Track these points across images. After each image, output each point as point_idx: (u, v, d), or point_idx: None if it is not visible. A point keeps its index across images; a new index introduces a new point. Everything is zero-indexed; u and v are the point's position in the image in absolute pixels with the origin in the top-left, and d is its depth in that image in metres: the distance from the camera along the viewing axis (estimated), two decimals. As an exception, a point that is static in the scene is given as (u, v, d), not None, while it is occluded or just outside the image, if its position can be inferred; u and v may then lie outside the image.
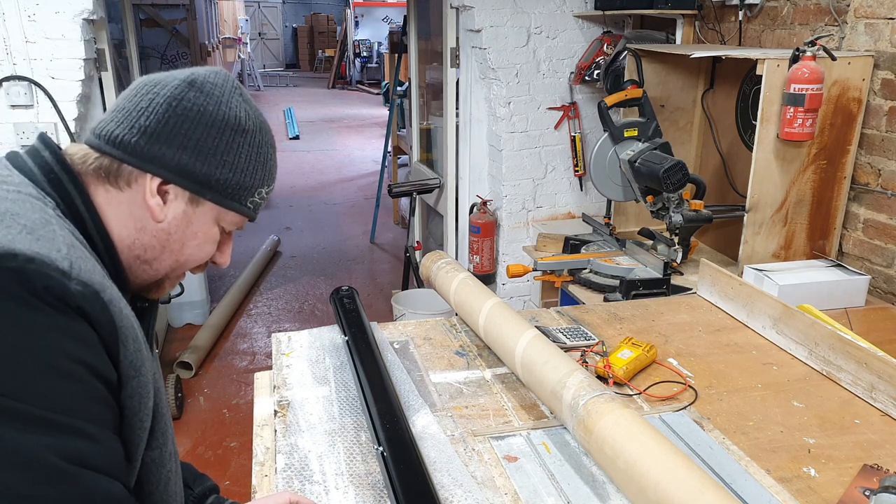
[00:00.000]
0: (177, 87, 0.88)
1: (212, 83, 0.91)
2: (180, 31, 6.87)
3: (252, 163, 0.93)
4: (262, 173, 0.95)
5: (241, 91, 0.95)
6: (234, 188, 0.92)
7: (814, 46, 2.19)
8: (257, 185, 0.95)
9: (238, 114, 0.91)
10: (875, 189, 2.40)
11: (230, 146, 0.90)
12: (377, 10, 17.28)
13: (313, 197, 7.60)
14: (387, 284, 5.13)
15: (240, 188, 0.93)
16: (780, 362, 1.66)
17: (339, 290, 1.84)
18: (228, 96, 0.91)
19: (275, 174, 0.99)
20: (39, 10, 2.78)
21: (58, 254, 0.74)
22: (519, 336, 1.49)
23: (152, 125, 0.86)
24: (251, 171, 0.93)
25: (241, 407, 3.50)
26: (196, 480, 1.23)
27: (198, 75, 0.91)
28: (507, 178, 3.68)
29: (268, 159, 0.96)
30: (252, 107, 0.95)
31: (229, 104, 0.91)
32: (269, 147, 0.97)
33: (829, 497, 1.20)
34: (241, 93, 0.95)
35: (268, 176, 0.97)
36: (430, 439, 1.32)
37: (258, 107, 0.99)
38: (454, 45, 3.74)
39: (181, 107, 0.87)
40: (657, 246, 2.64)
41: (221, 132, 0.89)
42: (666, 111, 3.11)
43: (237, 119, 0.91)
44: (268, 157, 0.96)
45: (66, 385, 0.72)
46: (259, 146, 0.94)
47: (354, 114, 13.27)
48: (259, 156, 0.94)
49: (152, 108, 0.86)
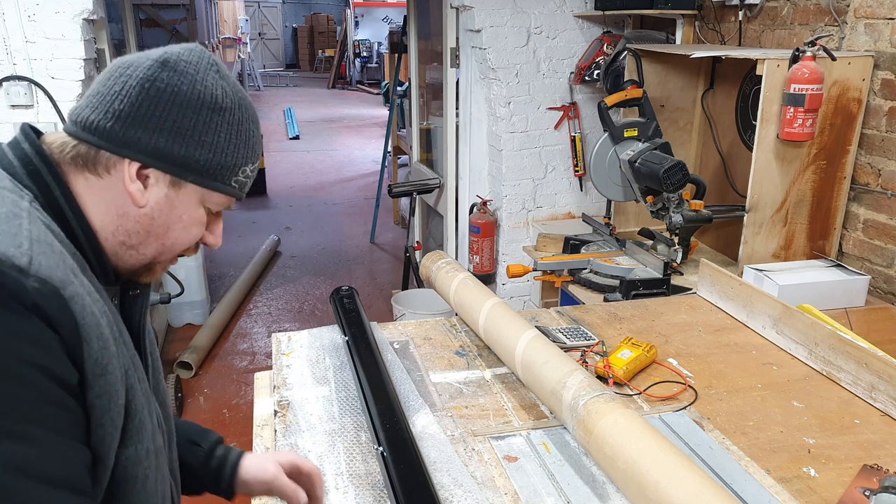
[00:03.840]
0: (149, 68, 0.85)
1: (185, 61, 0.88)
2: (180, 31, 6.87)
3: (233, 141, 0.90)
4: (244, 151, 0.92)
5: (218, 67, 0.92)
6: (216, 168, 0.90)
7: (814, 46, 2.20)
8: (240, 164, 0.92)
9: (214, 91, 0.88)
10: (875, 189, 2.40)
11: (208, 125, 0.88)
12: (377, 10, 17.28)
13: (313, 197, 7.60)
14: (387, 284, 5.12)
15: (222, 168, 0.90)
16: (780, 362, 1.66)
17: (339, 290, 1.84)
18: (203, 74, 0.88)
19: (259, 151, 0.96)
20: (39, 10, 2.78)
21: (17, 250, 0.72)
22: (519, 336, 1.49)
23: (126, 109, 0.84)
24: (232, 150, 0.91)
25: (241, 407, 3.50)
26: (202, 436, 1.22)
27: (171, 54, 0.88)
28: (507, 178, 3.68)
29: (249, 136, 0.93)
30: (230, 83, 0.92)
31: (204, 82, 0.88)
32: (249, 123, 0.93)
33: (829, 497, 1.20)
34: (218, 69, 0.91)
35: (251, 153, 0.94)
36: (430, 439, 1.32)
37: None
38: (454, 45, 3.74)
39: (154, 88, 0.85)
40: (657, 246, 2.64)
41: (198, 112, 0.87)
42: (666, 111, 3.11)
43: (213, 97, 0.88)
44: (249, 133, 0.93)
45: (15, 389, 0.70)
46: (239, 123, 0.91)
47: (354, 114, 13.27)
48: (240, 133, 0.91)
49: (126, 91, 0.84)
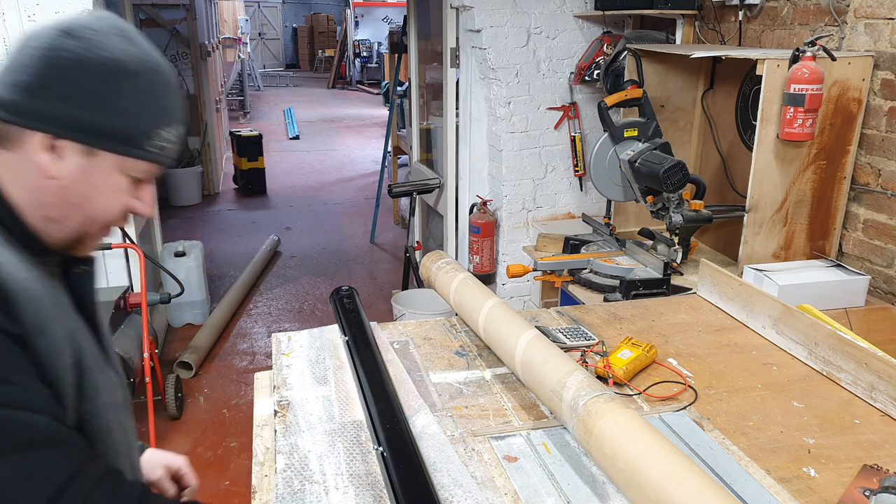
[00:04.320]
0: (53, 38, 0.84)
1: (90, 28, 0.86)
2: (180, 31, 6.85)
3: (142, 105, 0.88)
4: (157, 114, 0.90)
5: (126, 31, 0.89)
6: (128, 134, 0.88)
7: (814, 46, 2.19)
8: (154, 127, 0.90)
9: (118, 56, 0.86)
10: (875, 189, 2.40)
11: (114, 91, 0.86)
12: (377, 10, 17.28)
13: (313, 197, 7.60)
14: (387, 284, 5.12)
15: (134, 133, 0.88)
16: (780, 362, 1.66)
17: (339, 290, 1.84)
18: (107, 39, 0.86)
19: (177, 114, 0.93)
20: (39, 10, 2.78)
21: None
22: (519, 336, 1.49)
23: (31, 80, 0.83)
24: (143, 115, 0.89)
25: (241, 407, 3.50)
26: None
27: (76, 22, 0.87)
28: (507, 178, 3.68)
29: (162, 99, 0.91)
30: (139, 47, 0.89)
31: (108, 47, 0.86)
32: (162, 86, 0.91)
33: (829, 497, 1.20)
34: (125, 33, 0.89)
35: (166, 116, 0.91)
36: (430, 439, 1.31)
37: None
38: (454, 45, 3.74)
39: (59, 57, 0.84)
40: (657, 246, 2.64)
41: (103, 78, 0.85)
42: (666, 111, 3.11)
43: (117, 62, 0.86)
44: (162, 97, 0.91)
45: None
46: (149, 86, 0.89)
47: (354, 114, 13.27)
48: (150, 96, 0.89)
49: (30, 62, 0.83)
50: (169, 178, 6.89)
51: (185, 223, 6.52)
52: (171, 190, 6.93)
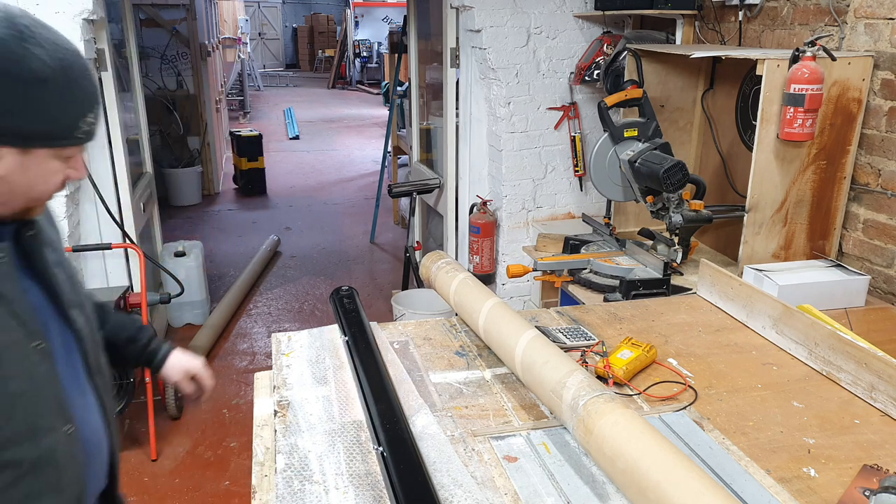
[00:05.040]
0: None
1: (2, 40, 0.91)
2: (180, 31, 6.85)
3: (64, 105, 0.97)
4: (79, 107, 0.99)
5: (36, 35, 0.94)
6: (57, 131, 0.98)
7: (814, 46, 2.19)
8: (78, 118, 0.99)
9: (33, 66, 0.92)
10: (875, 189, 2.40)
11: (36, 99, 0.94)
12: (377, 10, 17.27)
13: (313, 197, 7.60)
14: (387, 284, 5.12)
15: (61, 129, 0.98)
16: (780, 362, 1.66)
17: (339, 290, 1.84)
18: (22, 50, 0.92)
19: (94, 98, 1.01)
20: (39, 10, 2.78)
21: None
22: (519, 336, 1.49)
23: None
24: (66, 112, 0.97)
25: (241, 407, 3.50)
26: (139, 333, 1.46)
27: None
28: (507, 178, 3.68)
29: (79, 91, 0.99)
30: (49, 49, 0.94)
31: (23, 58, 0.92)
32: (78, 81, 0.98)
33: (829, 497, 1.20)
34: (36, 37, 0.94)
35: (85, 105, 1.00)
36: (430, 439, 1.31)
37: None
38: (454, 45, 3.74)
39: None
40: (657, 246, 2.64)
41: (24, 90, 0.92)
42: (666, 111, 3.11)
43: (33, 71, 0.92)
44: (80, 90, 0.99)
45: None
46: (66, 87, 0.96)
47: (354, 114, 13.27)
48: (70, 95, 0.97)
49: None
50: (169, 178, 6.89)
51: (185, 223, 6.52)
52: (171, 190, 6.92)
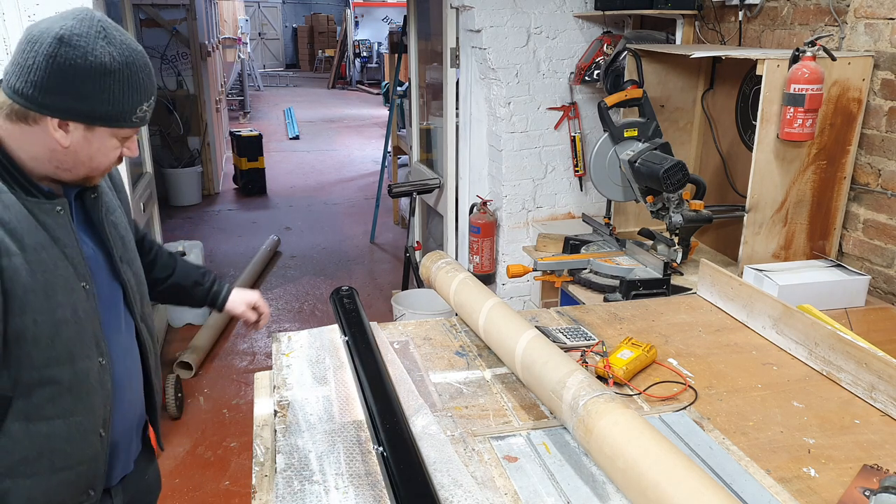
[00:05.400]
0: (50, 45, 1.10)
1: (78, 35, 1.11)
2: (180, 31, 6.85)
3: (125, 94, 1.16)
4: (137, 97, 1.18)
5: (107, 33, 1.14)
6: (117, 115, 1.17)
7: (814, 46, 2.19)
8: (136, 106, 1.19)
9: (103, 60, 1.12)
10: (875, 189, 2.40)
11: (103, 87, 1.13)
12: (377, 10, 17.27)
13: (313, 197, 7.60)
14: (387, 284, 5.12)
15: (121, 114, 1.17)
16: (780, 362, 1.66)
17: (339, 290, 1.84)
18: (93, 45, 1.12)
19: (151, 90, 1.21)
20: (39, 9, 2.78)
21: None
22: (519, 336, 1.49)
23: (40, 80, 1.11)
24: (126, 100, 1.17)
25: (241, 407, 3.50)
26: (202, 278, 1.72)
27: (66, 30, 1.11)
28: (507, 178, 3.68)
29: (140, 85, 1.18)
30: (116, 46, 1.14)
31: (95, 53, 1.12)
32: (138, 75, 1.17)
33: (829, 497, 1.20)
34: (106, 35, 1.14)
35: (143, 95, 1.19)
36: (430, 439, 1.31)
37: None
38: (454, 45, 3.74)
39: (56, 63, 1.10)
40: (657, 246, 2.64)
41: (94, 78, 1.12)
42: (666, 111, 3.11)
43: (103, 65, 1.12)
44: (139, 83, 1.18)
45: None
46: (128, 79, 1.16)
47: (354, 114, 13.27)
48: (130, 86, 1.16)
49: (36, 65, 1.11)
50: (169, 178, 6.89)
51: (185, 223, 6.52)
52: (171, 190, 6.92)
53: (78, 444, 1.25)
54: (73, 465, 1.26)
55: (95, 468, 1.30)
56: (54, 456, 1.24)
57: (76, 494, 1.29)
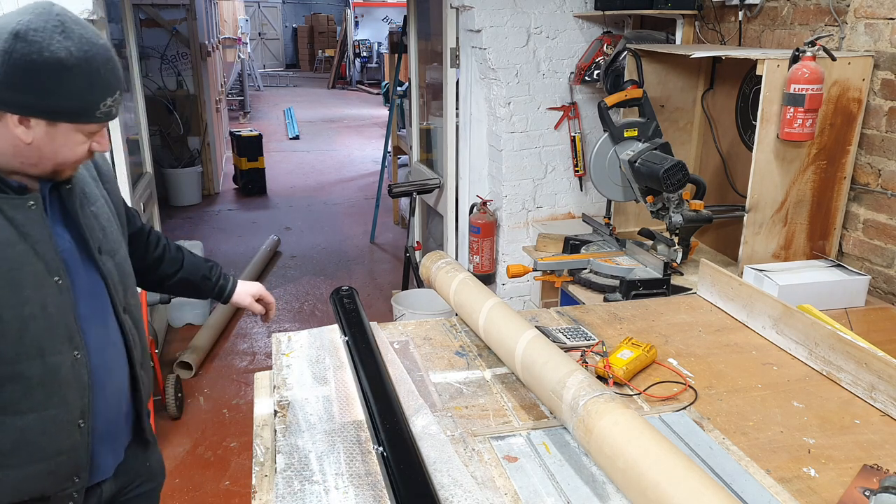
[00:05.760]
0: (6, 41, 1.09)
1: (35, 30, 1.09)
2: (180, 31, 6.85)
3: (84, 89, 1.13)
4: (98, 92, 1.15)
5: (64, 28, 1.12)
6: (78, 110, 1.15)
7: (814, 46, 2.19)
8: (98, 101, 1.16)
9: (59, 55, 1.10)
10: (875, 189, 2.40)
11: (61, 82, 1.11)
12: (377, 10, 17.27)
13: (313, 197, 7.60)
14: (387, 284, 5.12)
15: (82, 109, 1.15)
16: (780, 362, 1.66)
17: (339, 290, 1.84)
18: (50, 40, 1.10)
19: (114, 85, 1.18)
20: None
21: None
22: (519, 336, 1.49)
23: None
24: (86, 95, 1.14)
25: (241, 407, 3.50)
26: (210, 272, 1.73)
27: (22, 25, 1.09)
28: (507, 178, 3.68)
29: (101, 80, 1.15)
30: (74, 40, 1.12)
31: (51, 48, 1.09)
32: (99, 70, 1.14)
33: (829, 497, 1.20)
34: (64, 29, 1.11)
35: (105, 91, 1.16)
36: (430, 439, 1.31)
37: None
38: (454, 45, 3.74)
39: (13, 59, 1.08)
40: (657, 246, 2.64)
41: (51, 74, 1.10)
42: (666, 111, 3.11)
43: (59, 60, 1.10)
44: (100, 78, 1.15)
45: None
46: (88, 74, 1.13)
47: (354, 114, 13.27)
48: (90, 81, 1.14)
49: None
50: (169, 178, 6.89)
51: (185, 223, 6.52)
52: (171, 190, 6.92)
53: (54, 436, 1.25)
54: (51, 455, 1.26)
55: (76, 458, 1.30)
56: (30, 448, 1.24)
57: (58, 482, 1.29)
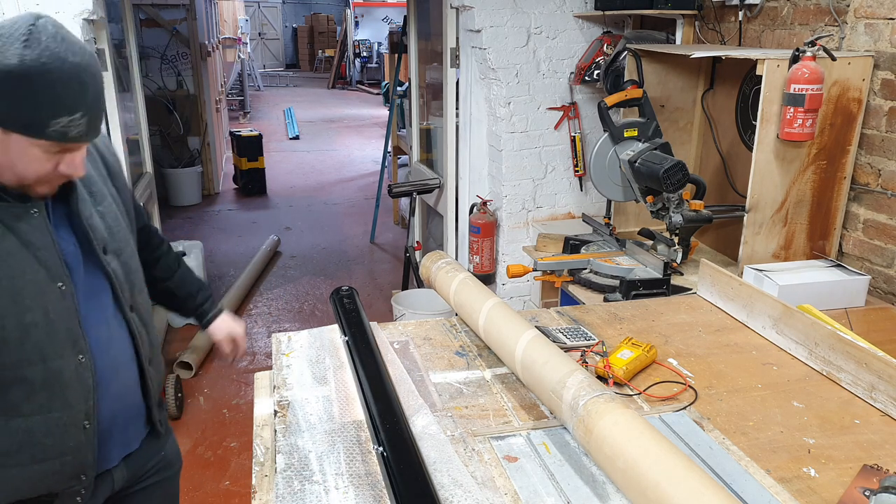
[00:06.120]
0: None
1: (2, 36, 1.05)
2: (180, 31, 6.85)
3: (30, 101, 1.07)
4: (49, 108, 1.08)
5: (31, 38, 1.06)
6: (25, 123, 1.08)
7: (814, 46, 2.19)
8: (48, 118, 1.08)
9: (9, 62, 1.04)
10: (875, 189, 2.40)
11: (6, 90, 1.05)
12: (377, 10, 17.27)
13: (313, 197, 7.60)
14: (387, 284, 5.12)
15: (31, 122, 1.08)
16: (780, 362, 1.66)
17: (339, 290, 1.84)
18: (6, 48, 1.05)
19: (73, 104, 1.09)
20: (39, 9, 2.76)
21: None
22: (519, 336, 1.49)
23: None
24: (34, 109, 1.07)
25: (241, 407, 3.50)
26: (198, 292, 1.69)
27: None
28: (507, 178, 3.68)
29: (55, 96, 1.08)
30: (36, 51, 1.05)
31: (5, 54, 1.04)
32: (53, 84, 1.07)
33: (829, 497, 1.20)
34: (29, 39, 1.06)
35: (57, 108, 1.09)
36: (430, 439, 1.31)
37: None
38: (454, 45, 3.74)
39: None
40: (657, 246, 2.64)
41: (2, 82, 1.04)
42: (666, 111, 3.11)
43: (7, 67, 1.04)
44: (52, 92, 1.07)
45: None
46: (37, 86, 1.06)
47: (354, 114, 13.27)
48: (40, 94, 1.07)
49: None
50: (169, 178, 6.89)
51: (185, 223, 6.52)
52: (171, 190, 6.92)
53: (58, 437, 1.26)
54: (56, 455, 1.27)
55: (82, 457, 1.30)
56: (35, 449, 1.24)
57: (64, 481, 1.30)
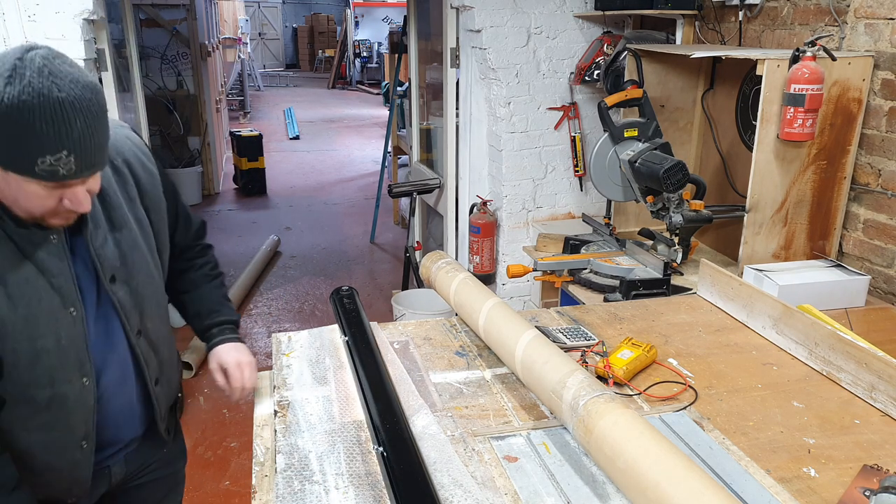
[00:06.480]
0: None
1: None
2: (180, 31, 6.85)
3: (15, 141, 1.02)
4: (27, 146, 1.03)
5: (14, 73, 1.01)
6: (11, 161, 1.05)
7: (814, 46, 2.19)
8: (34, 156, 1.04)
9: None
10: (875, 189, 2.40)
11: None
12: (377, 10, 17.27)
13: (313, 197, 7.60)
14: (387, 284, 5.12)
15: (16, 161, 1.05)
16: (780, 362, 1.66)
17: (339, 290, 1.84)
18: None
19: (58, 142, 1.04)
20: (39, 9, 2.78)
21: None
22: (519, 336, 1.49)
23: None
24: (18, 148, 1.03)
25: (241, 407, 3.50)
26: (210, 314, 1.61)
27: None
28: (507, 178, 3.68)
29: (35, 135, 1.02)
30: (19, 88, 1.00)
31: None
32: (33, 123, 1.02)
33: (829, 497, 1.20)
34: (12, 75, 1.01)
35: (40, 147, 1.03)
36: (430, 439, 1.31)
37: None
38: (454, 45, 3.74)
39: None
40: (657, 246, 2.64)
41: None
42: (666, 111, 3.11)
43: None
44: (34, 133, 1.02)
45: None
46: (16, 125, 1.01)
47: (354, 114, 13.27)
48: (22, 132, 1.02)
49: None
50: (169, 178, 6.89)
51: (185, 223, 6.51)
52: (171, 190, 6.91)
53: (56, 455, 1.28)
54: (53, 470, 1.29)
55: (77, 474, 1.33)
56: (34, 462, 1.27)
57: (60, 493, 1.33)
